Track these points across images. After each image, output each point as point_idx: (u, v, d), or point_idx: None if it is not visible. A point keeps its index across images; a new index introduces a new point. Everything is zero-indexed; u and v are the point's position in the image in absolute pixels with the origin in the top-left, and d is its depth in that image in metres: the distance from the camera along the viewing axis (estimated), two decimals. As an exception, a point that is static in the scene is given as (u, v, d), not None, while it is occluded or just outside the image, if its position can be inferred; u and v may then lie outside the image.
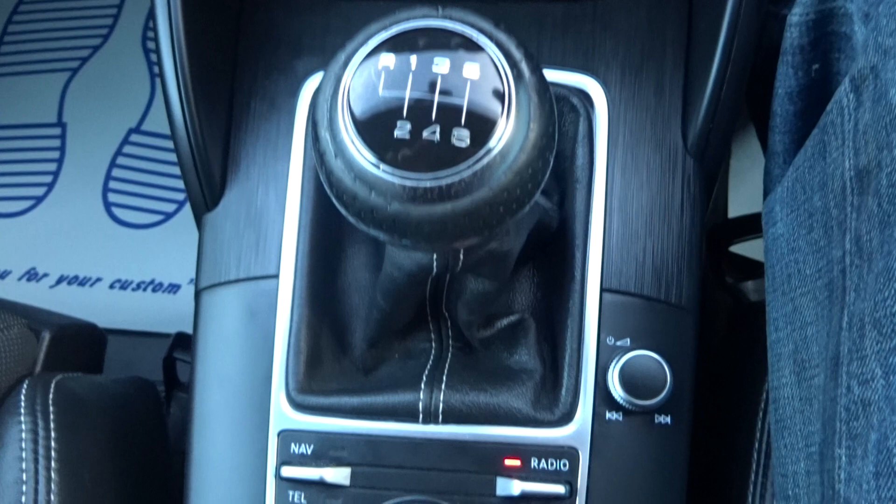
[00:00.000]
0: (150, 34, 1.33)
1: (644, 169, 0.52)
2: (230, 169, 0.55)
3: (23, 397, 0.54)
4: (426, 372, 0.50)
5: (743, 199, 0.97)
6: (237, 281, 0.53)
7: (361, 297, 0.55)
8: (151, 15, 0.52)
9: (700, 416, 0.52)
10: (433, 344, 0.53)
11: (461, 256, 0.43)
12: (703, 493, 0.53)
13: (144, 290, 1.22)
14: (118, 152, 1.31)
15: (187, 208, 1.34)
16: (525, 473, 0.47)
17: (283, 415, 0.50)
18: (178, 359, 0.91)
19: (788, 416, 0.47)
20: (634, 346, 0.49)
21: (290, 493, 0.48)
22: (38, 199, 1.28)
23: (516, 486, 0.47)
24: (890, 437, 0.36)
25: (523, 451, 0.48)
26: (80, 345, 0.66)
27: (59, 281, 1.23)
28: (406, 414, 0.48)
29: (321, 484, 0.48)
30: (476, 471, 0.48)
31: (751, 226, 0.83)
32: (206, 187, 0.55)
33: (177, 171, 1.47)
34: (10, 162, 1.31)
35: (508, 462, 0.48)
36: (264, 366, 0.51)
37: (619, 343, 0.50)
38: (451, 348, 0.52)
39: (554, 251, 0.53)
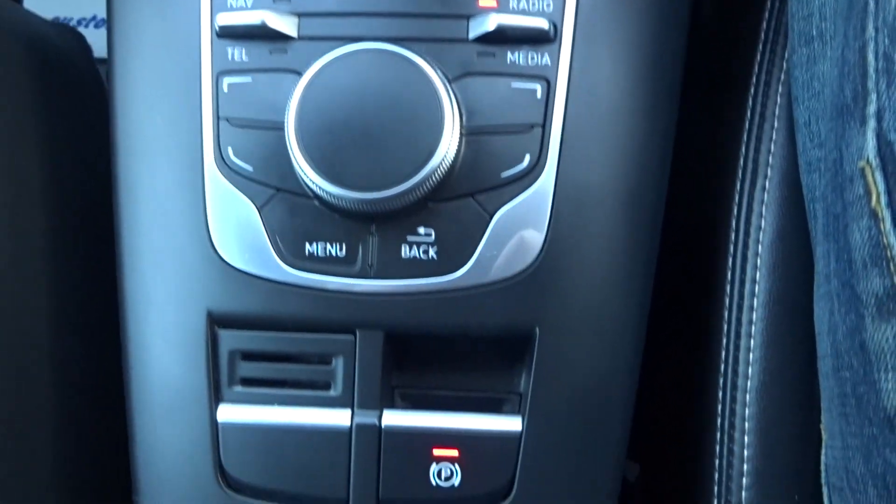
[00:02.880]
0: None
1: None
2: None
3: None
4: None
5: None
6: None
7: None
8: None
9: None
10: None
11: None
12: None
13: (86, 26, 1.11)
14: None
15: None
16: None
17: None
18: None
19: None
20: None
21: (230, 49, 0.42)
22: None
23: (492, 21, 0.40)
24: None
25: None
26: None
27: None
28: None
29: (264, 34, 0.41)
30: (446, 15, 0.41)
31: None
32: None
33: None
34: None
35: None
36: None
37: None
38: None
39: None
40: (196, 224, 0.42)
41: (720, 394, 0.45)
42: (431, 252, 0.41)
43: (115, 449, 0.48)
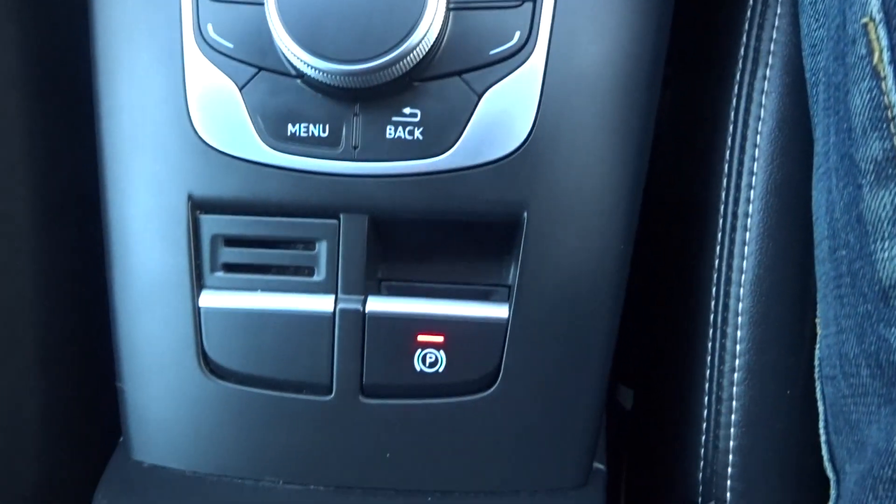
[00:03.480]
0: None
1: None
2: None
3: None
4: None
5: None
6: None
7: None
8: None
9: None
10: None
11: None
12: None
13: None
14: None
15: None
16: None
17: None
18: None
19: None
20: None
21: None
22: None
23: None
24: None
25: None
26: None
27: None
28: None
29: None
30: None
31: None
32: None
33: None
34: None
35: None
36: None
37: None
38: None
39: None
40: (176, 105, 0.41)
41: (714, 289, 0.44)
42: (417, 133, 0.39)
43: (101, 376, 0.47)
